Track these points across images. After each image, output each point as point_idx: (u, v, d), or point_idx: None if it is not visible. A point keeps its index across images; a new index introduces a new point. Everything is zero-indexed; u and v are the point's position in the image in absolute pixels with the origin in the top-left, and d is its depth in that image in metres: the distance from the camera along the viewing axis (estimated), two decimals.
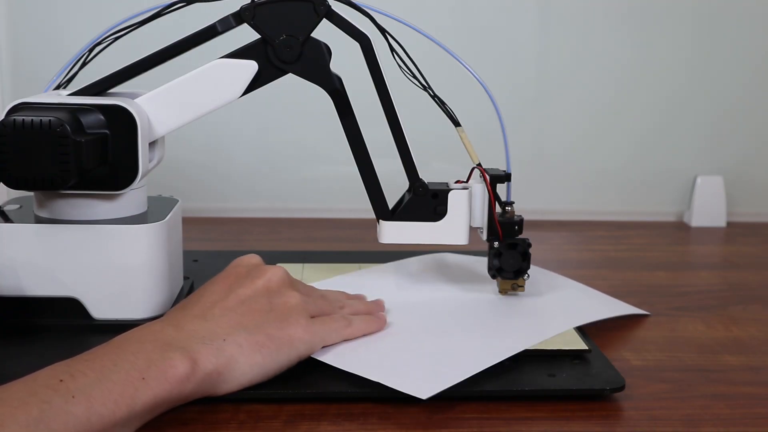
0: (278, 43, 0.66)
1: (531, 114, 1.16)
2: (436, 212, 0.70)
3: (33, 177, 0.59)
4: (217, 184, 1.16)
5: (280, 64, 0.66)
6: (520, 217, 0.71)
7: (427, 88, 0.69)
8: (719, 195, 1.16)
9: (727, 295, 0.83)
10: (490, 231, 0.70)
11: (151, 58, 0.66)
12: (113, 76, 0.66)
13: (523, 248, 0.71)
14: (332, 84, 0.67)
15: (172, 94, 0.66)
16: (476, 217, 0.71)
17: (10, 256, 0.64)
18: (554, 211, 1.17)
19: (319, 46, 0.67)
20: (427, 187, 0.70)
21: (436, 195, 0.70)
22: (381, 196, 0.70)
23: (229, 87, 0.67)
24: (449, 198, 0.70)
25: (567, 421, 0.54)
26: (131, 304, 0.65)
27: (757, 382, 0.61)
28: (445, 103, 0.70)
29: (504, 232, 0.70)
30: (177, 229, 0.71)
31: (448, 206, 0.70)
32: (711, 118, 1.17)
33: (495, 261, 0.71)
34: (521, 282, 0.72)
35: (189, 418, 0.54)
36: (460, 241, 0.70)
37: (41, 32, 1.09)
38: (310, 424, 0.53)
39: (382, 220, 0.70)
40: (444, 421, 0.54)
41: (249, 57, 0.67)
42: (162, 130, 0.66)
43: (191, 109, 0.66)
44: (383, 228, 0.70)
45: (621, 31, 1.14)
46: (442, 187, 0.70)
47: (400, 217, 0.70)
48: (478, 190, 0.71)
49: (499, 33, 1.14)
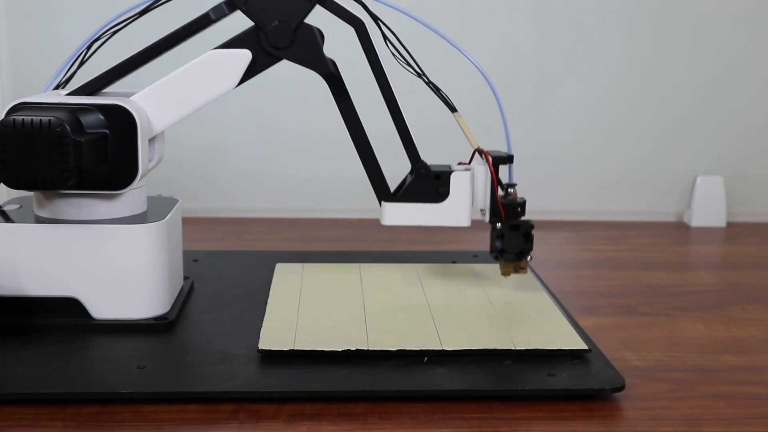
0: (271, 29, 0.65)
1: (531, 114, 1.16)
2: (438, 193, 0.70)
3: (33, 177, 0.59)
4: (217, 184, 1.16)
5: (273, 50, 0.66)
6: (522, 198, 0.71)
7: (422, 74, 0.69)
8: (719, 195, 1.16)
9: (727, 295, 0.83)
10: (493, 212, 0.70)
11: (146, 51, 0.66)
12: (109, 72, 0.65)
13: (526, 229, 0.70)
14: (326, 68, 0.67)
15: (168, 88, 0.66)
16: (479, 199, 0.71)
17: (10, 256, 0.63)
18: (554, 211, 1.17)
19: (311, 31, 0.67)
20: (429, 168, 0.69)
21: (438, 176, 0.70)
22: (381, 177, 0.69)
23: (224, 77, 0.66)
24: (451, 179, 0.69)
25: (567, 421, 0.54)
26: (131, 304, 0.65)
27: (757, 382, 0.61)
28: (440, 89, 0.69)
29: (506, 214, 0.70)
30: (177, 229, 0.71)
31: (451, 188, 0.69)
32: (711, 118, 1.17)
33: (497, 243, 0.71)
34: (524, 264, 0.72)
35: (189, 417, 0.54)
36: (462, 222, 0.70)
37: (41, 32, 1.09)
38: (310, 424, 0.53)
39: (384, 201, 0.70)
40: (444, 421, 0.54)
41: (242, 46, 0.66)
42: (160, 125, 0.66)
43: (188, 103, 0.66)
44: (385, 209, 0.70)
45: (621, 32, 1.14)
46: (444, 169, 0.70)
47: (403, 198, 0.70)
48: (481, 171, 0.70)
49: (498, 32, 1.14)
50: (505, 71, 1.14)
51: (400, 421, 0.54)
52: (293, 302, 0.71)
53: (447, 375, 0.58)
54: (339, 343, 0.61)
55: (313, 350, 0.61)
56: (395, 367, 0.59)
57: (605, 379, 0.58)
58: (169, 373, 0.58)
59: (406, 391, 0.56)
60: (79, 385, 0.56)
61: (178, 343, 0.63)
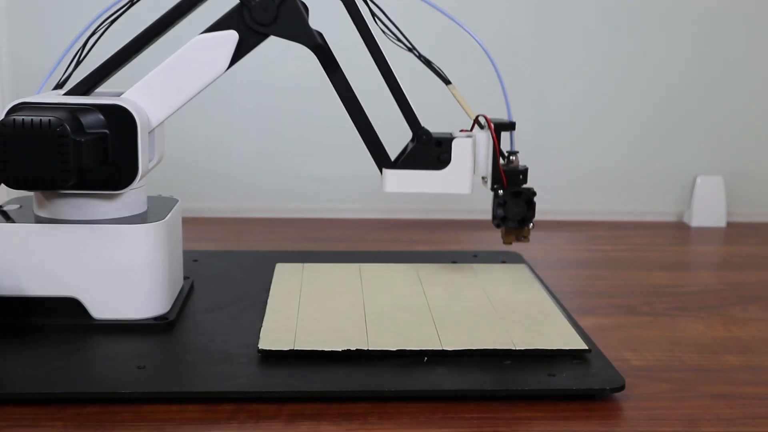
0: (254, 5, 0.65)
1: (530, 113, 1.16)
2: (440, 160, 0.69)
3: (33, 177, 0.59)
4: (217, 184, 1.16)
5: (259, 27, 0.66)
6: (524, 166, 0.70)
7: (413, 49, 0.68)
8: (719, 195, 1.16)
9: (727, 295, 0.83)
10: (495, 179, 0.69)
11: (137, 40, 0.65)
12: (103, 66, 0.65)
13: (528, 196, 0.69)
14: (314, 40, 0.67)
15: (159, 80, 0.66)
16: (480, 166, 0.70)
17: (10, 256, 0.63)
18: (554, 211, 1.17)
19: (295, 5, 0.66)
20: (430, 134, 0.69)
21: (439, 143, 0.69)
22: (380, 145, 0.69)
23: (214, 61, 0.66)
24: (453, 146, 0.69)
25: (567, 421, 0.54)
26: (131, 304, 0.65)
27: (757, 382, 0.61)
28: (431, 62, 0.69)
29: (508, 180, 0.69)
30: (177, 229, 0.71)
31: (452, 154, 0.69)
32: (711, 118, 1.17)
33: (499, 210, 0.70)
34: (526, 232, 0.71)
35: (189, 417, 0.54)
36: (464, 189, 0.70)
37: (41, 32, 1.09)
38: (310, 424, 0.53)
39: (385, 168, 0.69)
40: (444, 421, 0.54)
41: (228, 27, 0.66)
42: (156, 118, 0.66)
43: (181, 92, 0.66)
44: (386, 177, 0.69)
45: (622, 30, 1.14)
46: (446, 136, 0.69)
47: (404, 165, 0.69)
48: (483, 138, 0.70)
49: (497, 31, 1.14)
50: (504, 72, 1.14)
51: (400, 421, 0.54)
52: (293, 302, 0.71)
53: (447, 375, 0.58)
54: (339, 343, 0.61)
55: (313, 350, 0.61)
56: (395, 367, 0.59)
57: (605, 379, 0.58)
58: (169, 373, 0.58)
59: (406, 391, 0.56)
60: (79, 385, 0.56)
61: (178, 343, 0.63)
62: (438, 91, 0.71)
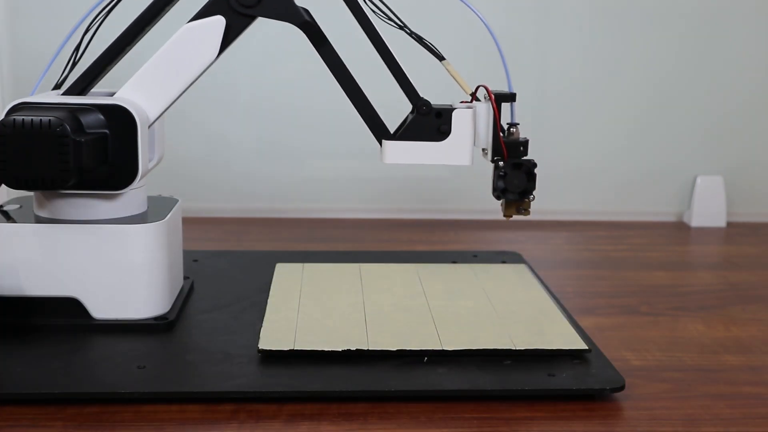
0: None
1: (530, 113, 1.16)
2: (440, 131, 0.68)
3: (33, 177, 0.59)
4: (217, 184, 1.16)
5: (244, 9, 0.65)
6: (525, 138, 0.70)
7: (404, 27, 0.68)
8: (719, 195, 1.16)
9: (727, 295, 0.83)
10: (495, 151, 0.68)
11: (126, 33, 0.65)
12: (95, 64, 0.65)
13: (528, 168, 0.69)
14: (301, 17, 0.66)
15: (151, 73, 0.65)
16: (481, 137, 0.70)
17: (10, 256, 0.63)
18: (554, 211, 1.17)
19: None
20: (430, 105, 0.68)
21: (439, 114, 0.68)
22: (376, 116, 0.68)
23: (203, 49, 0.65)
24: (453, 117, 0.68)
25: (567, 421, 0.54)
26: (131, 304, 0.65)
27: (757, 382, 0.61)
28: (423, 38, 0.69)
29: (509, 152, 0.69)
30: (177, 229, 0.71)
31: (452, 125, 0.68)
32: (711, 118, 1.17)
33: (499, 182, 0.69)
34: (526, 205, 0.70)
35: (189, 417, 0.54)
36: (464, 161, 0.69)
37: (41, 32, 1.09)
38: (310, 424, 0.53)
39: (384, 140, 0.69)
40: (444, 421, 0.54)
41: (213, 13, 0.65)
42: (152, 113, 0.66)
43: (174, 84, 0.66)
44: (386, 148, 0.68)
45: (621, 30, 1.14)
46: (446, 107, 0.69)
47: (404, 136, 0.68)
48: (483, 109, 0.69)
49: (498, 36, 1.13)
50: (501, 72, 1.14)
51: (400, 421, 0.54)
52: (293, 302, 0.71)
53: (447, 375, 0.58)
54: (339, 343, 0.61)
55: (313, 350, 0.61)
56: (395, 367, 0.59)
57: (605, 379, 0.58)
58: (169, 373, 0.58)
59: (406, 391, 0.56)
60: (79, 385, 0.56)
61: (178, 343, 0.63)
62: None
